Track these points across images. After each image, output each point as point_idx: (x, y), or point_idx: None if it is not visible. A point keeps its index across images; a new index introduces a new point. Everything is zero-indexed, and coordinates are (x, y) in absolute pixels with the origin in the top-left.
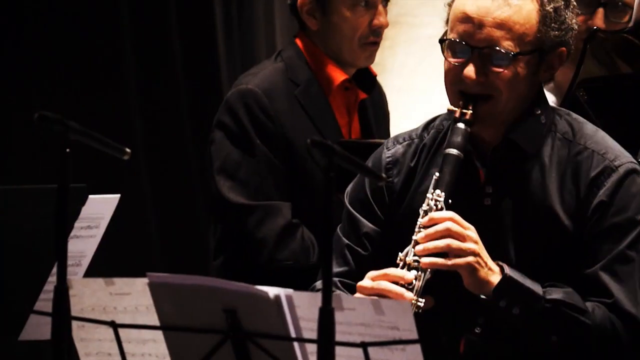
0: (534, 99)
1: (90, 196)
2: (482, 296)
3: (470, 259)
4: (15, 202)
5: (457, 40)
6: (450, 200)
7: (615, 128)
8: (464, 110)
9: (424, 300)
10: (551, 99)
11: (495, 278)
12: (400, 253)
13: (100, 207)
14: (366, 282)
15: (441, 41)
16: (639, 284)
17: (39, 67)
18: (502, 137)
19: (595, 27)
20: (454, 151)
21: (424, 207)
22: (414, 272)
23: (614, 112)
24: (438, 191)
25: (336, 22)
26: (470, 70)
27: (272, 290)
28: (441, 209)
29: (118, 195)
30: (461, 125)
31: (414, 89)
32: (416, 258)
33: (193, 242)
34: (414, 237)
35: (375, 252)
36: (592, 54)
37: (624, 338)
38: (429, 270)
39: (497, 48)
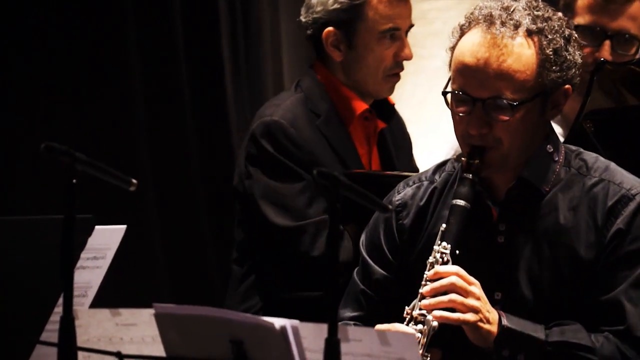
0: (544, 136)
1: (97, 227)
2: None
3: (469, 316)
4: (22, 232)
5: (459, 92)
6: (457, 252)
7: (622, 160)
8: (470, 161)
9: (429, 355)
10: (558, 130)
11: (495, 329)
12: (407, 307)
13: (107, 238)
14: None
15: (444, 93)
16: None
17: (44, 100)
18: (514, 178)
19: (602, 59)
20: (461, 202)
21: (431, 259)
22: (420, 326)
23: (621, 143)
24: (444, 243)
25: (362, 54)
26: (473, 124)
27: (278, 322)
28: (447, 262)
29: (124, 226)
30: (468, 175)
31: (422, 119)
32: (422, 312)
33: (200, 273)
34: (420, 290)
35: (387, 296)
36: (599, 86)
37: None
38: (433, 324)
39: (500, 98)
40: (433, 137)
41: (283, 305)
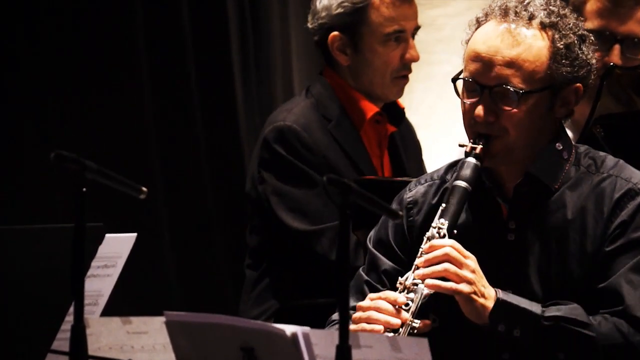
0: (554, 134)
1: (107, 235)
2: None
3: (462, 287)
4: (32, 241)
5: (469, 79)
6: (455, 231)
7: (632, 164)
8: (474, 145)
9: (419, 321)
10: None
11: (491, 304)
12: (400, 278)
13: (117, 246)
14: (365, 302)
15: (454, 80)
16: None
17: (54, 108)
18: (523, 173)
19: (612, 64)
20: (462, 183)
21: (427, 234)
22: (412, 295)
23: (631, 148)
24: (442, 220)
25: (368, 57)
26: (480, 110)
27: (289, 328)
28: (444, 236)
29: (135, 234)
30: (471, 159)
31: (432, 125)
32: (415, 281)
33: (211, 280)
34: (415, 262)
35: (394, 289)
36: (608, 90)
37: (637, 344)
38: (424, 292)
39: (507, 86)
40: (443, 142)
41: (295, 310)
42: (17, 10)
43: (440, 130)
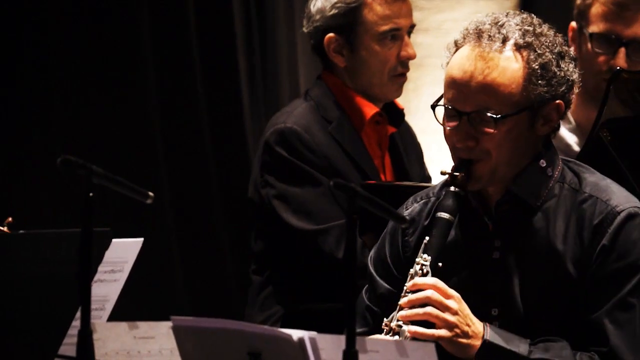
0: (538, 151)
1: (114, 240)
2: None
3: (443, 332)
4: (39, 246)
5: (447, 106)
6: (440, 264)
7: (639, 168)
8: (455, 174)
9: None
10: (573, 139)
11: (478, 343)
12: (385, 319)
13: (124, 251)
14: None
15: (433, 107)
16: (639, 330)
17: (60, 113)
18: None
19: (618, 67)
20: (445, 215)
21: (411, 271)
22: (396, 337)
23: (638, 152)
24: (425, 255)
25: (365, 57)
26: (460, 137)
27: (296, 333)
28: (427, 273)
29: (141, 239)
30: (453, 188)
31: (438, 130)
32: (399, 323)
33: (218, 284)
34: (399, 302)
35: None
36: (615, 94)
37: None
38: (407, 335)
39: (484, 112)
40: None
41: (302, 315)
42: (21, 12)
43: None
